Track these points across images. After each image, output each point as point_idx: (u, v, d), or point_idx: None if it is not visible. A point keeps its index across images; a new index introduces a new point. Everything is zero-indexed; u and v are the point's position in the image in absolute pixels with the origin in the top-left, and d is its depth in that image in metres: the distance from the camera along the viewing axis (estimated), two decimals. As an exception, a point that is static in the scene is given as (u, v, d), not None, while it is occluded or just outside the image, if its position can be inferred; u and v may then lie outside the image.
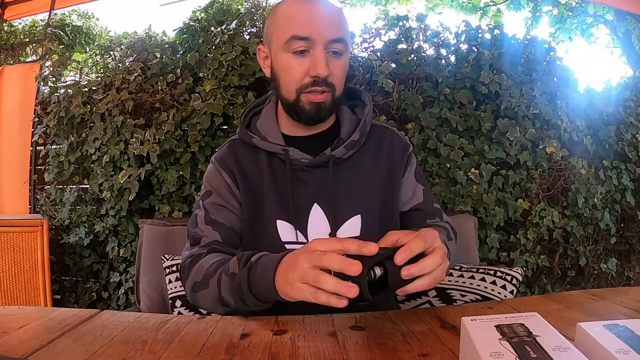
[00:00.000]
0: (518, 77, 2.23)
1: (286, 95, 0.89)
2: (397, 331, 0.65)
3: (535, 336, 0.45)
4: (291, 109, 0.89)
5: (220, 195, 0.94)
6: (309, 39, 0.83)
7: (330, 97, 0.87)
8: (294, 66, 0.86)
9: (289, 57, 0.86)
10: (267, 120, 0.97)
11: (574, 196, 2.27)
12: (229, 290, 0.76)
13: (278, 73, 0.89)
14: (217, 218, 0.92)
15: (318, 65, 0.83)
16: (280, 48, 0.87)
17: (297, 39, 0.83)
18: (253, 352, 0.58)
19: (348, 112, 0.99)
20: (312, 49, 0.84)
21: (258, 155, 0.95)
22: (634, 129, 2.51)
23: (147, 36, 2.73)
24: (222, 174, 0.95)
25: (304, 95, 0.86)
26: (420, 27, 2.34)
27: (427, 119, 2.13)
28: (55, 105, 2.42)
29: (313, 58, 0.84)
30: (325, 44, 0.84)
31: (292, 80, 0.86)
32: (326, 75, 0.84)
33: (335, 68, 0.86)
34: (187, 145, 2.12)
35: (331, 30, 0.84)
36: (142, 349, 0.59)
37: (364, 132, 0.95)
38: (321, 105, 0.87)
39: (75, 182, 2.44)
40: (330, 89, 0.86)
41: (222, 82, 2.14)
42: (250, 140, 0.95)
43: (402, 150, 1.01)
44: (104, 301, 2.46)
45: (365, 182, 0.95)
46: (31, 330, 0.65)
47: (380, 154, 0.98)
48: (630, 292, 0.85)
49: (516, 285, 1.27)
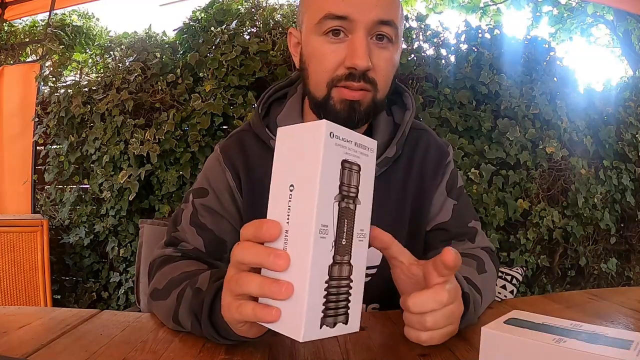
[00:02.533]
0: (518, 77, 2.23)
1: (315, 90, 0.71)
2: (397, 331, 0.65)
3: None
4: (319, 107, 0.71)
5: (218, 198, 0.78)
6: (348, 18, 0.65)
7: (370, 98, 0.69)
8: (327, 53, 0.67)
9: (322, 41, 0.67)
10: (291, 115, 0.78)
11: (574, 196, 2.27)
12: (187, 308, 0.59)
13: (307, 62, 0.71)
14: (206, 222, 0.77)
15: (356, 54, 0.64)
16: (311, 30, 0.69)
17: (332, 17, 0.65)
18: (253, 352, 0.58)
19: (383, 115, 0.79)
20: (352, 33, 0.66)
21: (272, 156, 0.82)
22: (634, 129, 2.51)
23: (147, 36, 2.73)
24: (226, 173, 0.78)
25: (336, 90, 0.68)
26: (420, 27, 2.34)
27: (427, 119, 2.13)
28: (55, 105, 2.42)
29: (351, 44, 0.66)
30: (369, 27, 0.65)
31: (322, 70, 0.68)
32: (366, 68, 0.65)
33: (380, 60, 0.67)
34: (187, 145, 2.12)
35: (378, 9, 0.65)
36: (142, 349, 0.59)
37: (401, 145, 0.78)
38: (355, 105, 0.68)
39: (75, 182, 2.44)
40: (371, 86, 0.68)
41: (222, 82, 2.14)
42: (267, 140, 0.77)
43: (438, 159, 0.82)
44: (104, 301, 2.46)
45: (393, 203, 0.79)
46: (31, 330, 0.65)
47: (412, 167, 0.80)
48: (630, 292, 0.85)
49: (516, 285, 1.28)
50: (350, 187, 0.41)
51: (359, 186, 0.42)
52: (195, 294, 0.59)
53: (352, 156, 0.41)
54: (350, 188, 0.41)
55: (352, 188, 0.41)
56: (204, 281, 0.60)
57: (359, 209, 0.42)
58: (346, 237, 0.41)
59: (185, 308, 0.60)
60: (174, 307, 0.62)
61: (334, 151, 0.40)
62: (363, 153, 0.42)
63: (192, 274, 0.65)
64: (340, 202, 0.41)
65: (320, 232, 0.39)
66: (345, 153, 0.40)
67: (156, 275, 0.71)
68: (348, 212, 0.41)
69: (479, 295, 0.65)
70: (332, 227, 0.40)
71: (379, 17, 0.65)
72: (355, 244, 0.42)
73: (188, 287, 0.61)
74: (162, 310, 0.66)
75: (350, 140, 0.41)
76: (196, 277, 0.62)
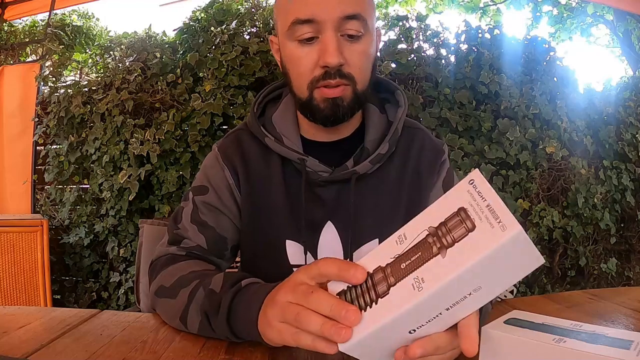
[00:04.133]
0: (518, 77, 2.23)
1: (298, 92, 0.73)
2: (397, 331, 0.65)
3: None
4: (305, 108, 0.74)
5: (218, 195, 0.80)
6: (314, 20, 0.67)
7: (351, 92, 0.70)
8: (301, 57, 0.70)
9: (295, 45, 0.70)
10: (286, 115, 0.80)
11: (574, 196, 2.27)
12: (199, 308, 0.61)
13: (287, 66, 0.74)
14: (207, 220, 0.79)
15: (327, 52, 0.66)
16: (285, 36, 0.71)
17: (299, 23, 0.68)
18: (253, 352, 0.58)
19: (376, 112, 0.80)
20: (321, 33, 0.68)
21: (270, 155, 0.79)
22: (634, 129, 2.51)
23: (147, 36, 2.73)
24: (225, 171, 0.80)
25: (317, 90, 0.70)
26: (420, 27, 2.34)
27: (427, 119, 2.13)
28: (55, 105, 2.42)
29: (321, 43, 0.68)
30: (336, 24, 0.67)
31: (301, 74, 0.70)
32: (338, 64, 0.67)
33: (353, 54, 0.69)
34: (187, 145, 2.12)
35: (342, 5, 0.67)
36: (142, 349, 0.59)
37: (394, 142, 0.78)
38: (337, 101, 0.70)
39: (75, 182, 2.44)
40: (349, 81, 0.69)
41: (222, 82, 2.14)
42: (262, 138, 0.78)
43: (433, 157, 0.82)
44: (104, 301, 2.46)
45: (388, 201, 0.79)
46: (31, 330, 0.65)
47: (407, 165, 0.81)
48: (630, 292, 0.85)
49: (516, 285, 1.28)
50: (447, 233, 0.38)
51: (457, 242, 0.37)
52: (208, 295, 0.60)
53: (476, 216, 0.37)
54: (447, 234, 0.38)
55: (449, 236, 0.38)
56: (218, 283, 0.61)
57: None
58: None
59: (196, 308, 0.61)
60: (184, 306, 0.63)
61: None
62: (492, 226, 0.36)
63: (202, 274, 0.66)
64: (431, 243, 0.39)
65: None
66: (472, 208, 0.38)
67: (162, 273, 0.72)
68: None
69: (489, 304, 0.65)
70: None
71: (344, 13, 0.67)
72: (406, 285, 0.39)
73: (200, 288, 0.62)
74: (168, 308, 0.67)
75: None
76: (208, 278, 0.63)
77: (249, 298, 0.56)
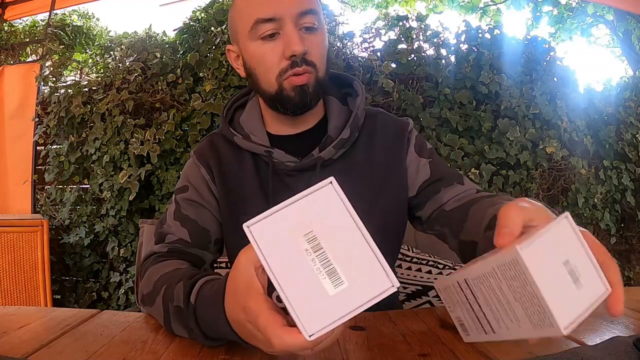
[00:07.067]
0: (518, 77, 2.23)
1: (267, 87, 0.78)
2: (397, 331, 0.65)
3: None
4: (275, 101, 0.79)
5: (197, 191, 0.86)
6: (275, 18, 0.74)
7: (314, 78, 0.77)
8: (266, 52, 0.76)
9: (259, 44, 0.76)
10: (252, 115, 0.87)
11: (574, 196, 2.27)
12: (179, 323, 0.62)
13: (252, 66, 0.80)
14: (189, 214, 0.84)
15: (292, 42, 0.73)
16: (247, 38, 0.77)
17: (262, 22, 0.74)
18: (253, 352, 0.58)
19: (337, 103, 0.87)
20: (282, 29, 0.74)
21: (242, 153, 0.86)
22: (634, 129, 2.51)
23: (147, 36, 2.73)
24: (200, 169, 0.87)
25: (286, 81, 0.76)
26: (420, 27, 2.34)
27: (427, 119, 2.13)
28: (55, 105, 2.42)
29: (285, 37, 0.74)
30: (295, 19, 0.74)
31: (268, 68, 0.76)
32: (303, 52, 0.74)
33: (312, 44, 0.76)
34: (187, 145, 2.13)
35: (299, 3, 0.74)
36: (142, 349, 0.59)
37: (355, 127, 0.84)
38: (304, 88, 0.76)
39: (76, 182, 2.44)
40: (312, 68, 0.76)
41: (222, 82, 2.14)
42: (231, 137, 0.85)
43: (400, 131, 0.88)
44: (104, 301, 2.46)
45: (358, 184, 0.83)
46: (31, 330, 0.65)
47: (374, 147, 0.86)
48: (630, 292, 0.85)
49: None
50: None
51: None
52: (177, 313, 0.61)
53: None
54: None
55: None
56: (179, 298, 0.61)
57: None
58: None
59: (176, 322, 0.62)
60: (164, 314, 0.64)
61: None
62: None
63: (170, 276, 0.67)
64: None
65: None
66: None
67: (144, 278, 0.74)
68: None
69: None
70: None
71: (301, 8, 0.74)
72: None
73: (169, 303, 0.63)
74: (154, 314, 0.69)
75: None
76: (171, 288, 0.63)
77: (209, 312, 0.55)
